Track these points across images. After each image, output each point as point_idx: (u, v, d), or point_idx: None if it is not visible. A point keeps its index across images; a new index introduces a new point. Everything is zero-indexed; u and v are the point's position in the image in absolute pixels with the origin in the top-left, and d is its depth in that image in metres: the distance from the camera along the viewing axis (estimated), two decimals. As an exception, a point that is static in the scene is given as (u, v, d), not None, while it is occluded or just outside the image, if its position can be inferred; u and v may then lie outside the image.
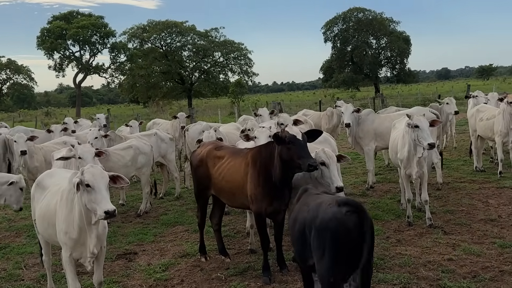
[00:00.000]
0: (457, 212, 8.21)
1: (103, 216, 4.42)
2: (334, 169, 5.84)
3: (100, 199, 4.45)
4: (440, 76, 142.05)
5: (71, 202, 4.73)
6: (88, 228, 4.68)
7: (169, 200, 10.89)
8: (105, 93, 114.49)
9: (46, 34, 52.21)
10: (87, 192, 4.50)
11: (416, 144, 7.34)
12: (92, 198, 4.49)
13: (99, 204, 4.44)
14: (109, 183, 4.68)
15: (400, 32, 63.78)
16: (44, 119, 41.95)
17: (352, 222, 3.89)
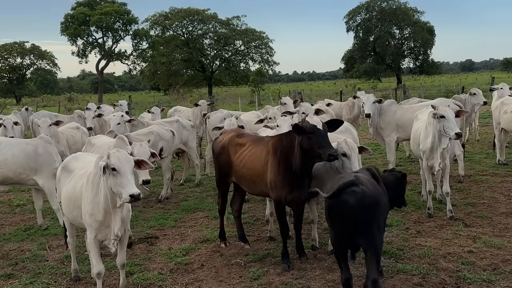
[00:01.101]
0: (478, 205, 8.15)
1: (128, 199, 4.51)
2: (355, 160, 5.84)
3: (126, 182, 4.55)
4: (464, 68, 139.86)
5: (96, 185, 4.84)
6: (113, 211, 4.79)
7: (189, 187, 11.01)
8: (126, 80, 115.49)
9: (70, 20, 52.70)
10: (113, 176, 4.60)
11: (441, 135, 7.26)
12: (117, 181, 4.59)
13: (125, 188, 4.54)
14: (134, 167, 4.77)
15: (424, 23, 62.87)
16: (67, 104, 42.52)
17: (351, 199, 4.42)
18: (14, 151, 7.76)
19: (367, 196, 4.46)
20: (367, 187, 4.53)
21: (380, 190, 4.75)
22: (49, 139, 8.22)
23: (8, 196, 10.86)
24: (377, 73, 65.12)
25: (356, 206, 4.43)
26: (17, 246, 7.39)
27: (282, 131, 6.73)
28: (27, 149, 7.81)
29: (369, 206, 4.45)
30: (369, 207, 4.45)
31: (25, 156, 7.74)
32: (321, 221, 7.33)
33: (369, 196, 4.47)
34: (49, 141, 8.06)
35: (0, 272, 6.33)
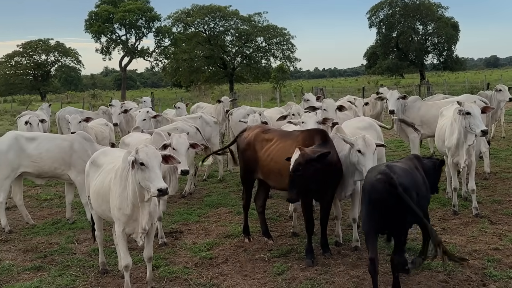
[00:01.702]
0: (504, 202, 8.05)
1: (156, 193, 4.59)
2: (369, 157, 5.82)
3: (154, 177, 4.63)
4: (489, 64, 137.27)
5: (125, 180, 4.93)
6: (141, 205, 4.88)
7: (212, 183, 11.10)
8: (148, 76, 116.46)
9: (94, 18, 53.38)
10: (141, 171, 4.69)
11: (467, 131, 7.18)
12: (146, 176, 4.67)
13: (153, 182, 4.62)
14: (162, 162, 4.85)
15: (448, 18, 61.88)
16: (91, 100, 43.08)
17: (380, 185, 4.74)
18: (49, 146, 8.01)
19: (393, 183, 4.70)
20: (396, 175, 4.80)
21: (411, 179, 4.98)
22: (87, 135, 8.41)
23: (35, 191, 11.09)
24: (400, 69, 64.35)
25: (382, 192, 4.74)
26: (45, 239, 7.56)
27: (307, 127, 6.74)
28: (63, 144, 8.04)
29: (394, 193, 4.69)
30: (394, 194, 4.69)
31: (60, 151, 7.97)
32: (345, 217, 7.35)
33: (395, 183, 4.69)
34: (86, 137, 8.24)
35: (30, 264, 6.49)
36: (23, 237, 7.72)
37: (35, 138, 8.13)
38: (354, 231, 6.48)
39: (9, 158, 7.88)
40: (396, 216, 4.82)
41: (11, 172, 7.92)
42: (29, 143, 8.01)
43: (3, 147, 7.92)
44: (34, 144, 8.00)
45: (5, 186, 7.98)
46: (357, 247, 6.37)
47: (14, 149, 7.90)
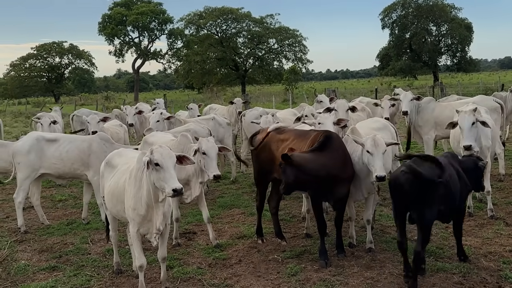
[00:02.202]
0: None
1: (171, 193, 4.63)
2: (378, 158, 5.79)
3: (169, 177, 4.67)
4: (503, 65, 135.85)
5: (139, 181, 4.96)
6: (155, 206, 4.91)
7: (225, 184, 11.11)
8: (161, 78, 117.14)
9: (107, 20, 53.83)
10: (156, 171, 4.72)
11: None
12: (160, 176, 4.70)
13: (167, 182, 4.65)
14: (176, 163, 4.88)
15: (461, 19, 61.44)
16: (104, 102, 43.41)
17: (403, 178, 5.07)
18: (70, 147, 8.12)
19: (416, 176, 5.00)
20: (421, 169, 5.03)
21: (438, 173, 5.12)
22: (106, 136, 8.48)
23: (50, 192, 11.20)
24: (413, 70, 64.00)
25: (404, 184, 5.08)
26: (60, 239, 7.63)
27: (325, 128, 6.72)
28: (82, 145, 8.13)
29: (417, 185, 5.00)
30: (417, 186, 5.01)
31: (79, 152, 8.07)
32: (358, 219, 7.31)
33: (417, 177, 4.99)
34: (105, 138, 8.31)
35: (45, 264, 6.55)
36: (38, 237, 7.80)
37: (56, 140, 8.24)
38: (368, 232, 6.45)
39: (30, 159, 8.01)
40: (418, 207, 5.10)
41: (31, 172, 8.05)
42: (50, 144, 8.13)
43: (24, 147, 8.04)
44: (55, 146, 8.11)
45: (24, 186, 8.08)
46: (371, 249, 6.34)
47: (35, 150, 8.02)
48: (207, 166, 6.47)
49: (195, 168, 6.56)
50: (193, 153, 6.41)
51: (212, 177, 6.44)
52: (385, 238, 6.83)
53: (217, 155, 6.65)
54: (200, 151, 6.47)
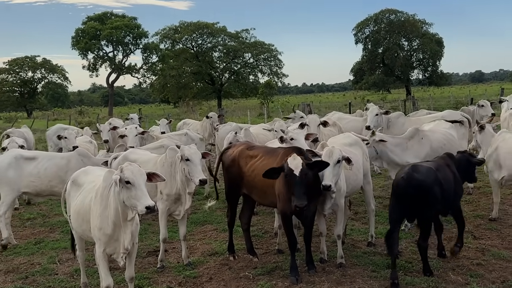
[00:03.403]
0: (487, 217, 8.10)
1: (145, 211, 4.58)
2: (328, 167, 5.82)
3: (141, 195, 4.63)
4: (474, 79, 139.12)
5: (106, 199, 4.89)
6: (123, 224, 4.85)
7: (198, 200, 11.03)
8: (136, 93, 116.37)
9: (81, 35, 53.29)
10: (126, 189, 4.67)
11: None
12: (132, 194, 4.65)
13: (140, 200, 4.61)
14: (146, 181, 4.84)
15: (432, 34, 62.82)
16: (78, 117, 42.87)
17: (403, 183, 5.66)
18: (48, 165, 8.05)
19: (413, 180, 5.62)
20: (418, 174, 5.68)
21: (435, 176, 5.77)
22: (84, 152, 8.43)
23: (18, 210, 10.95)
24: (386, 84, 65.00)
25: (402, 187, 5.68)
26: (27, 259, 7.45)
27: (298, 144, 6.75)
28: (60, 163, 8.09)
29: (413, 187, 5.62)
30: (413, 189, 5.61)
31: (57, 169, 8.02)
32: (330, 234, 7.33)
33: (414, 180, 5.62)
34: (83, 154, 8.24)
35: (11, 285, 6.39)
36: (5, 257, 7.60)
37: (35, 158, 8.17)
38: (339, 247, 6.47)
39: (9, 177, 7.93)
40: (418, 208, 5.69)
41: (11, 190, 7.95)
42: (29, 162, 8.06)
43: (3, 165, 7.97)
44: (33, 164, 8.04)
45: (7, 201, 7.98)
46: (341, 264, 6.35)
47: (13, 167, 7.94)
48: (191, 172, 6.29)
49: (181, 179, 6.45)
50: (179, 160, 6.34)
51: (197, 182, 6.27)
52: (356, 252, 6.86)
53: (200, 161, 6.54)
54: (183, 158, 6.35)
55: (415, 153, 7.85)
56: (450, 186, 6.00)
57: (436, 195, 5.70)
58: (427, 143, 7.96)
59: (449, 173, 6.08)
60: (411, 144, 7.93)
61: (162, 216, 6.75)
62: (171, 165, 6.56)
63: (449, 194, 5.98)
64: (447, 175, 6.02)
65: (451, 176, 6.08)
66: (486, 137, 8.37)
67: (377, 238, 7.30)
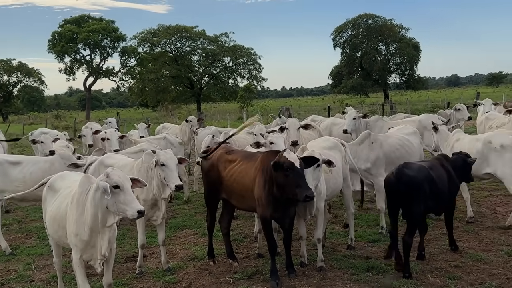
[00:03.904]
0: (464, 220, 8.21)
1: (136, 215, 4.57)
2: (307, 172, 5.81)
3: (130, 199, 4.61)
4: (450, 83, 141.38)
5: (82, 205, 4.80)
6: (102, 231, 4.77)
7: (177, 204, 10.96)
8: (114, 96, 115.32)
9: (57, 38, 52.56)
10: (113, 194, 4.61)
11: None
12: (120, 199, 4.61)
13: (130, 205, 4.58)
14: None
15: (409, 39, 63.73)
16: (54, 121, 42.28)
17: (393, 179, 5.97)
18: (33, 169, 7.91)
19: (403, 176, 5.89)
20: (408, 170, 5.94)
21: (427, 174, 5.99)
22: (67, 155, 8.33)
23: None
24: (364, 88, 65.67)
25: (393, 183, 5.98)
26: (3, 266, 7.29)
27: (277, 148, 6.74)
28: (44, 166, 7.95)
29: (403, 183, 5.87)
30: (403, 185, 5.87)
31: (42, 173, 7.80)
32: (310, 237, 7.34)
33: (404, 176, 5.89)
34: (66, 157, 8.11)
35: (-15, 293, 6.24)
36: (-21, 265, 7.43)
37: (20, 162, 8.01)
38: (319, 251, 6.48)
39: None
40: (407, 204, 5.94)
41: None
42: (14, 167, 7.90)
43: None
44: (18, 168, 7.89)
45: None
46: (321, 267, 6.36)
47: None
48: (167, 178, 6.18)
49: (157, 184, 6.37)
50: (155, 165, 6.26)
51: (173, 187, 6.17)
52: (336, 256, 6.88)
53: (177, 166, 6.46)
54: (158, 163, 6.25)
55: (364, 157, 7.88)
56: (444, 185, 6.20)
57: (426, 192, 5.89)
58: (378, 148, 7.95)
59: (443, 172, 6.29)
60: (361, 149, 7.94)
61: (140, 221, 6.66)
62: (148, 170, 6.48)
63: (443, 193, 6.18)
64: (441, 174, 6.22)
65: (445, 176, 6.28)
66: (441, 137, 8.60)
67: (356, 241, 7.34)
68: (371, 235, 7.67)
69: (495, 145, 7.62)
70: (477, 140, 7.99)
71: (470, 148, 7.76)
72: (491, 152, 7.62)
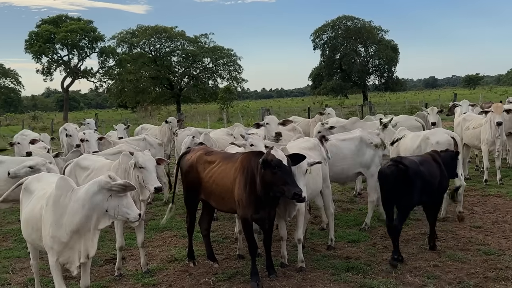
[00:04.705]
0: (443, 219, 8.30)
1: (138, 218, 4.63)
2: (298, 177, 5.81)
3: (131, 203, 4.67)
4: (428, 85, 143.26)
5: (62, 207, 4.71)
6: (92, 233, 4.73)
7: (157, 206, 10.88)
8: (92, 97, 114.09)
9: (35, 38, 51.74)
10: (117, 198, 4.64)
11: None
12: (123, 203, 4.64)
13: (131, 208, 4.65)
14: None
15: (388, 41, 64.35)
16: (31, 123, 41.66)
17: (389, 171, 6.26)
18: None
19: (398, 169, 6.19)
20: (401, 163, 6.24)
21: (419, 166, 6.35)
22: (49, 156, 8.22)
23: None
24: (344, 90, 66.09)
25: (388, 175, 6.27)
26: (-23, 270, 7.14)
27: (257, 149, 6.72)
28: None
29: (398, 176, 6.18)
30: (398, 177, 6.18)
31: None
32: (290, 238, 7.35)
33: (399, 170, 6.19)
34: (48, 158, 7.98)
35: (-41, 298, 6.11)
36: (-47, 268, 7.26)
37: (2, 162, 7.89)
38: (299, 252, 6.49)
39: None
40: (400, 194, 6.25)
41: None
42: None
43: None
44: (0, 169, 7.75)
45: None
46: (302, 268, 6.37)
47: None
48: (146, 180, 6.11)
49: (136, 186, 6.29)
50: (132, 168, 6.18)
51: (153, 190, 6.09)
52: (316, 256, 6.90)
53: (155, 167, 6.38)
54: (137, 165, 6.16)
55: None
56: (435, 179, 6.54)
57: (417, 183, 6.23)
58: None
59: (435, 167, 6.62)
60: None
61: (118, 223, 6.58)
62: (125, 172, 6.40)
63: (434, 186, 6.53)
64: (433, 169, 6.57)
65: (437, 171, 6.62)
66: (388, 134, 9.10)
67: (336, 241, 7.37)
68: (350, 235, 7.71)
69: (432, 141, 8.27)
70: (418, 137, 8.62)
71: (412, 144, 8.51)
72: (429, 147, 8.11)
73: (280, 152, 5.65)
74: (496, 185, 10.66)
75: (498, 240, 7.19)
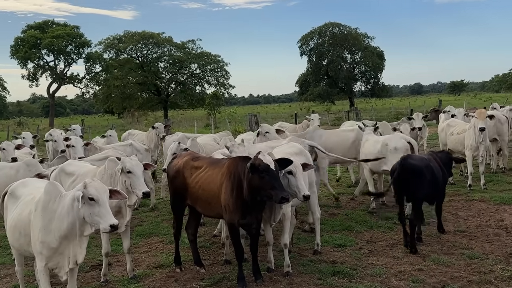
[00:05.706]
0: (427, 223, 8.38)
1: (109, 229, 4.51)
2: (300, 178, 5.97)
3: (104, 213, 4.54)
4: (413, 91, 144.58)
5: (51, 212, 4.70)
6: (79, 239, 4.72)
7: (144, 211, 10.85)
8: (79, 103, 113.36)
9: (20, 43, 51.26)
10: (89, 206, 4.55)
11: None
12: (95, 211, 4.54)
13: (103, 218, 4.52)
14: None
15: (374, 47, 64.87)
16: (17, 129, 41.26)
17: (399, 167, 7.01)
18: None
19: (407, 164, 6.96)
20: (412, 160, 7.06)
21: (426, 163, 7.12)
22: (33, 162, 8.28)
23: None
24: (331, 96, 66.39)
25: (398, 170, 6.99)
26: (-39, 277, 7.07)
27: None
28: (9, 172, 7.98)
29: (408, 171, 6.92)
30: (408, 172, 6.92)
31: (7, 179, 7.73)
32: (276, 243, 7.38)
33: (408, 164, 6.95)
34: (30, 164, 8.08)
35: None
36: None
37: None
38: (286, 256, 6.51)
39: None
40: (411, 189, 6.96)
41: None
42: None
43: None
44: None
45: None
46: (288, 273, 6.40)
47: None
48: (133, 185, 6.09)
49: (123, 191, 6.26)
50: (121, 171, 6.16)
51: (141, 195, 6.07)
52: (302, 261, 6.94)
53: (143, 172, 6.36)
54: (124, 170, 6.14)
55: None
56: (439, 176, 7.32)
57: (427, 178, 6.96)
58: None
59: (438, 166, 7.40)
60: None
61: None
62: (111, 177, 6.38)
63: (438, 182, 7.30)
64: (437, 167, 7.33)
65: (439, 168, 7.39)
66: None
67: (323, 246, 7.42)
68: (336, 240, 7.76)
69: (390, 147, 8.77)
70: (378, 142, 9.10)
71: (373, 149, 9.02)
72: (388, 152, 8.72)
73: (267, 157, 5.70)
74: (480, 190, 10.79)
75: (481, 244, 7.29)
